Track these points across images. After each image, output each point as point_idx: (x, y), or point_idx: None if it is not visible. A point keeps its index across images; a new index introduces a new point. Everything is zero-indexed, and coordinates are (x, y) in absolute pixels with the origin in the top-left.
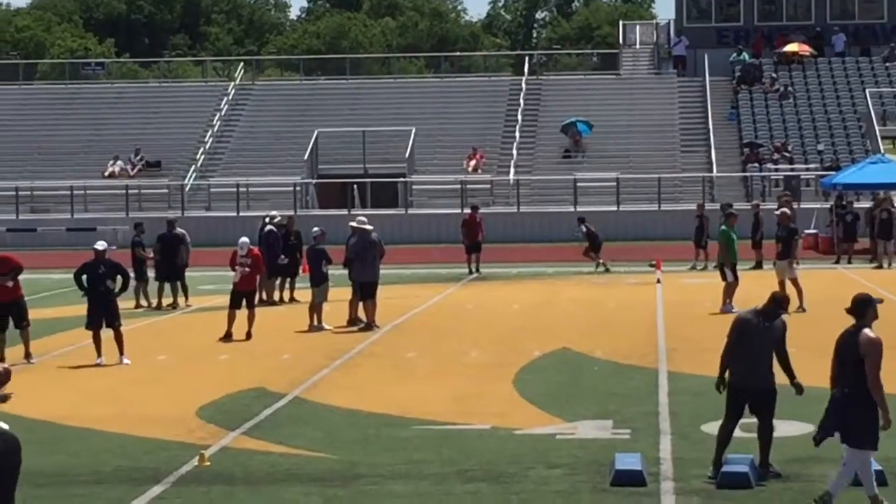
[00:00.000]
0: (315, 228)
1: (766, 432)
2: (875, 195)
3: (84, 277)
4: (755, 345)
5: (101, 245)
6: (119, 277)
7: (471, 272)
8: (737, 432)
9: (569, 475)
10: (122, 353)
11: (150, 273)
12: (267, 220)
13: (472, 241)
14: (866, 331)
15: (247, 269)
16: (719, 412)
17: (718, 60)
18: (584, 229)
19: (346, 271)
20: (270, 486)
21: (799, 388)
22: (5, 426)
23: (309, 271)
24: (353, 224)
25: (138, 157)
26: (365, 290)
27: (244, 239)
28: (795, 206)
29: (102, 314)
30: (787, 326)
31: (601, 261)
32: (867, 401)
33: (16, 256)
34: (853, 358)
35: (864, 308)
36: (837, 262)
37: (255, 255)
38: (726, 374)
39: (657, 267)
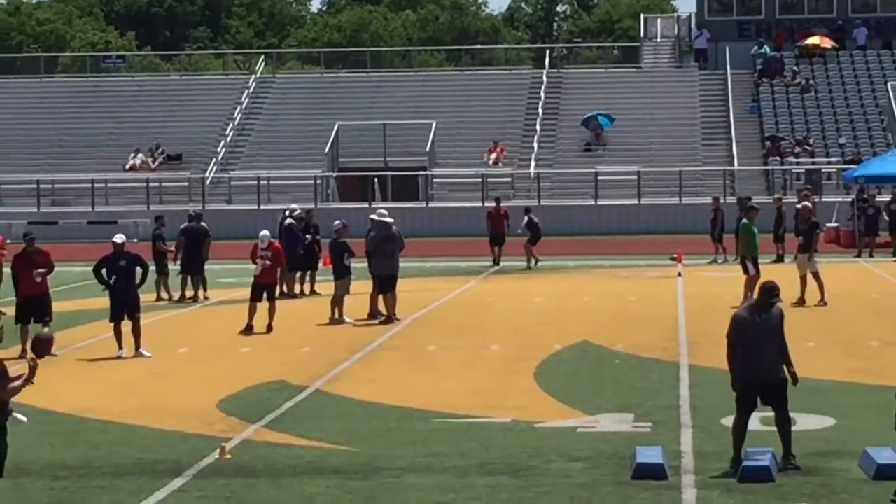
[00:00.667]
0: (337, 222)
1: (783, 424)
2: (894, 188)
3: (104, 271)
4: (755, 339)
5: (119, 238)
6: (139, 269)
7: (495, 263)
8: (757, 426)
9: (590, 468)
10: (138, 346)
11: (171, 266)
12: (287, 213)
13: (495, 232)
14: None
15: (268, 262)
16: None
17: (740, 54)
18: (527, 220)
19: (367, 264)
20: (291, 479)
21: (794, 378)
22: (23, 418)
23: (331, 264)
24: (374, 217)
25: (159, 151)
26: (384, 283)
27: (265, 232)
28: (816, 199)
29: (124, 307)
30: (783, 314)
31: (533, 255)
32: None
33: (51, 255)
34: None
35: None
36: (859, 255)
37: (276, 248)
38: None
39: (678, 260)
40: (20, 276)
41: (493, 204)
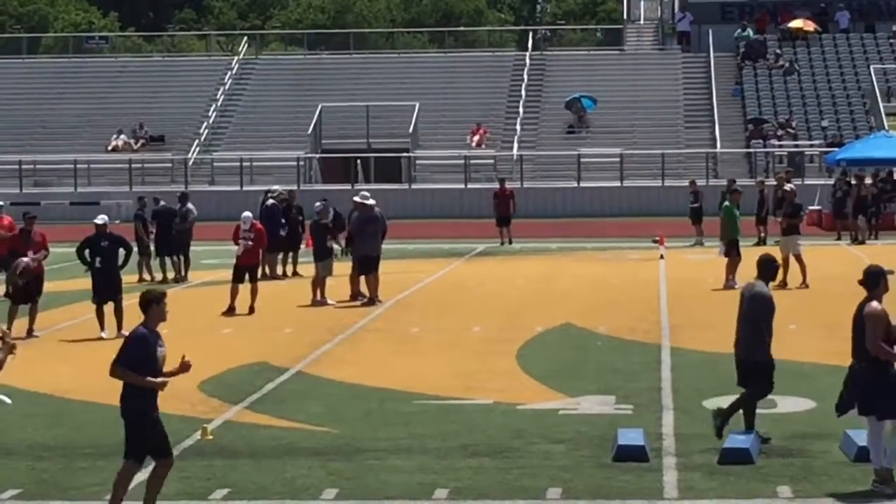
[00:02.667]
0: (318, 203)
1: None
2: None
3: (87, 252)
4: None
5: (101, 219)
6: (121, 251)
7: (502, 244)
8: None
9: (571, 450)
10: (120, 327)
11: (153, 247)
12: (268, 194)
13: (501, 214)
14: (872, 303)
15: (250, 244)
16: (721, 388)
17: (723, 36)
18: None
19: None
20: (272, 460)
21: None
22: (7, 399)
23: (313, 246)
24: (356, 199)
25: (142, 131)
26: (366, 265)
27: (247, 213)
28: (798, 182)
29: (107, 288)
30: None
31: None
32: (884, 372)
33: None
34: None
35: (875, 280)
36: (839, 238)
37: (259, 229)
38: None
39: (660, 243)
40: (19, 255)
41: (497, 185)
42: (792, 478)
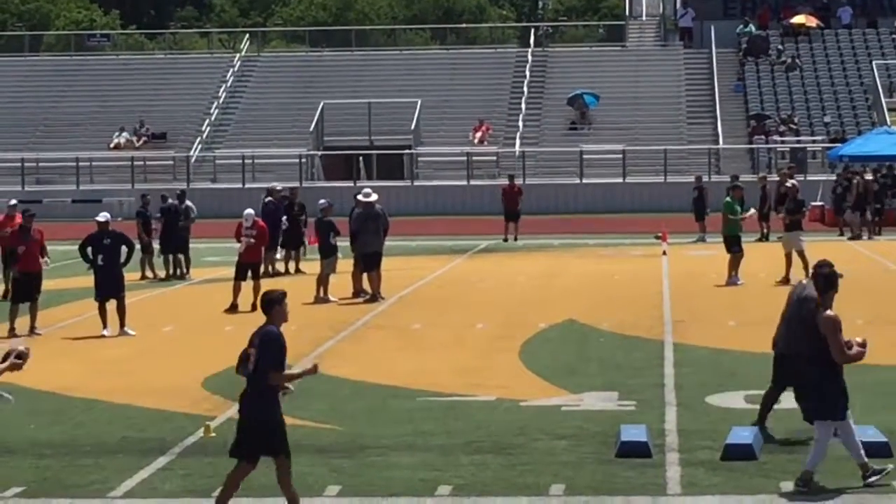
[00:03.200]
0: (322, 201)
1: None
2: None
3: (89, 250)
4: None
5: (103, 216)
6: (124, 248)
7: (506, 240)
8: (741, 404)
9: (574, 447)
10: (122, 325)
11: (156, 245)
12: (267, 192)
13: (510, 209)
14: (828, 312)
15: (252, 241)
16: (724, 384)
17: (725, 32)
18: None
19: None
20: None
21: None
22: (10, 397)
23: (318, 243)
24: (359, 197)
25: (143, 129)
26: (369, 262)
27: (249, 210)
28: (800, 178)
29: (110, 286)
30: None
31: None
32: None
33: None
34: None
35: (830, 282)
36: (841, 234)
37: (261, 226)
38: None
39: (663, 239)
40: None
41: (506, 182)
42: (795, 473)
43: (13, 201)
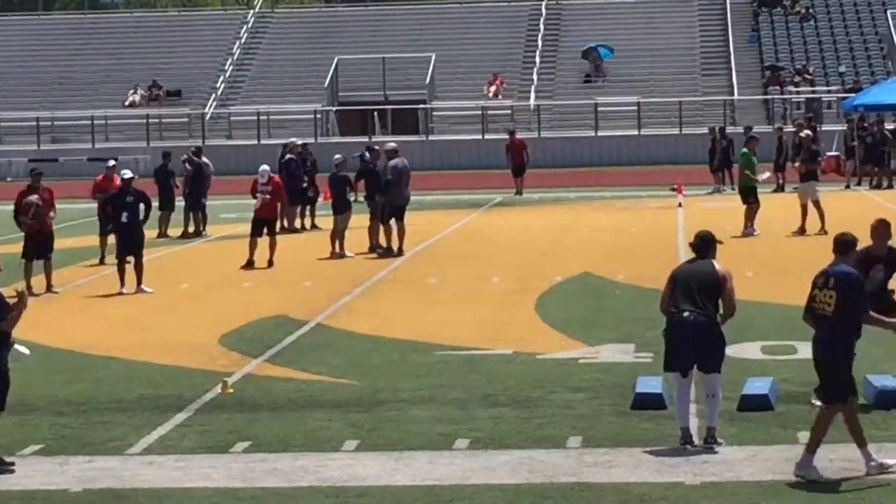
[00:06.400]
0: (337, 156)
1: None
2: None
3: (110, 208)
4: None
5: (127, 174)
6: (142, 206)
7: (517, 193)
8: (758, 355)
9: (591, 399)
10: (140, 283)
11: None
12: (287, 147)
13: (516, 163)
14: (723, 268)
15: (267, 197)
16: (739, 335)
17: None
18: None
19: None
20: (293, 413)
21: None
22: (26, 350)
23: (332, 198)
24: (391, 145)
25: (157, 88)
26: (400, 213)
27: (264, 167)
28: (818, 128)
29: (131, 243)
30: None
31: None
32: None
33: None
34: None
35: (707, 246)
36: (859, 183)
37: (276, 182)
38: None
39: (678, 191)
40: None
41: (507, 136)
42: (810, 423)
43: (111, 162)
